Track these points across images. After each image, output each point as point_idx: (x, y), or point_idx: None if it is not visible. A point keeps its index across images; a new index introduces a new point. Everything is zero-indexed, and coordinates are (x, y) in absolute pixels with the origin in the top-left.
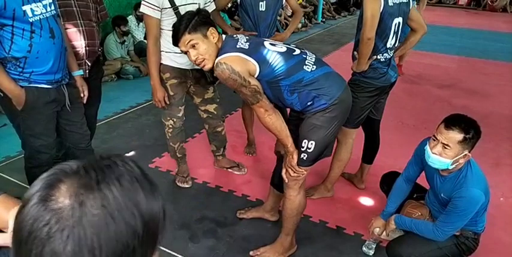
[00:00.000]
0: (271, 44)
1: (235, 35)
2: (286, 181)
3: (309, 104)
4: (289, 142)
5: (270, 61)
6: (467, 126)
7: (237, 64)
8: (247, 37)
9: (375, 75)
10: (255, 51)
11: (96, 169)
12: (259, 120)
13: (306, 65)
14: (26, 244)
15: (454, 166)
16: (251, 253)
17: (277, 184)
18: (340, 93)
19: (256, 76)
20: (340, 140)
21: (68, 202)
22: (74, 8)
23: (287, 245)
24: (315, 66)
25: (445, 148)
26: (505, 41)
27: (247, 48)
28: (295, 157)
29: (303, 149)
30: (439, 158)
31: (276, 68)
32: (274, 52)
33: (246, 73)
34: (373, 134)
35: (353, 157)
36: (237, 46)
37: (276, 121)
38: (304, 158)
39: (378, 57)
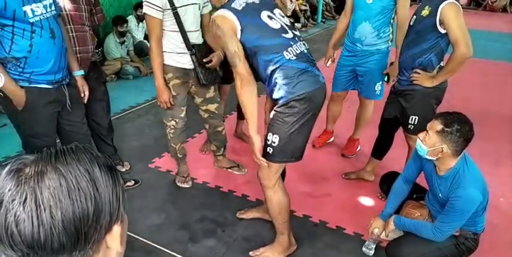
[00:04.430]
0: (268, 16)
1: None
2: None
3: (273, 90)
4: (251, 121)
5: (254, 30)
6: (452, 120)
7: (223, 22)
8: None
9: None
10: (245, 14)
11: (57, 150)
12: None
13: (287, 51)
14: None
15: (431, 157)
16: (251, 253)
17: None
18: (307, 91)
19: (239, 38)
20: None
21: (28, 170)
22: (63, 12)
23: (286, 244)
24: (295, 58)
25: (427, 134)
26: (505, 42)
27: (239, 9)
28: (255, 142)
29: (268, 142)
30: (420, 143)
31: (256, 39)
32: (263, 24)
33: (230, 32)
34: (392, 133)
35: (358, 155)
36: (231, 5)
37: (244, 94)
38: (270, 152)
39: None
